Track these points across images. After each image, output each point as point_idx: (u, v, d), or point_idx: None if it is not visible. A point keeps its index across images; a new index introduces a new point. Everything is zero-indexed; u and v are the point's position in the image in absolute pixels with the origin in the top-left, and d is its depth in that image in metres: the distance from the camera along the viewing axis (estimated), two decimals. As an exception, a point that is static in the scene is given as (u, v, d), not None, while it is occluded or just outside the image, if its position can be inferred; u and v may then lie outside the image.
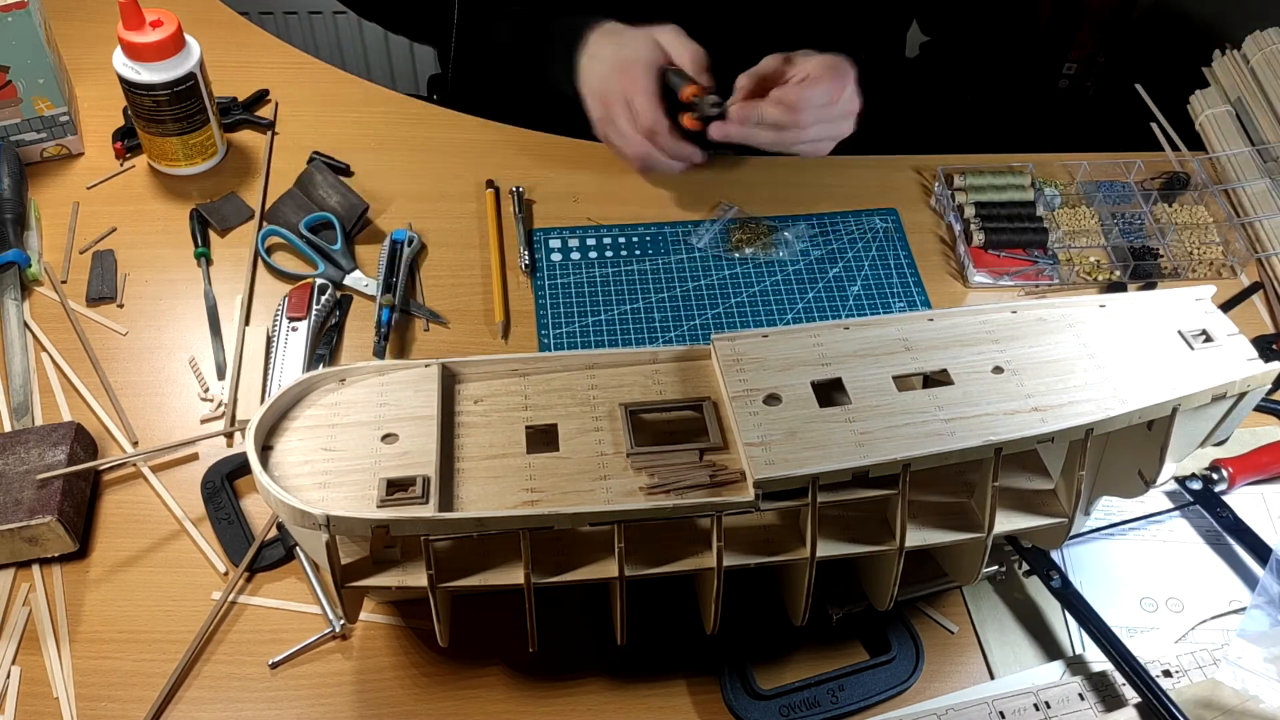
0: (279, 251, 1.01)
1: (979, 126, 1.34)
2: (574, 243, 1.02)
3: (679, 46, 0.97)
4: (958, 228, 1.03)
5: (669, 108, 0.98)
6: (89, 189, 1.05)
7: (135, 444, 0.85)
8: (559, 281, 0.99)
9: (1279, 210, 1.03)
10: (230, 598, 0.77)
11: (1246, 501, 0.83)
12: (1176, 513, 0.83)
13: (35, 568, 0.78)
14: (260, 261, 0.99)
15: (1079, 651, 0.75)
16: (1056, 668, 0.74)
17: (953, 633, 0.77)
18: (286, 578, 0.78)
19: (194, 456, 0.85)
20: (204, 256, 0.99)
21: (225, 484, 0.82)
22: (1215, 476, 0.83)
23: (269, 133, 1.11)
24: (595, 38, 1.00)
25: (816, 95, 0.96)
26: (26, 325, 0.93)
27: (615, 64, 0.98)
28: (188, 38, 1.00)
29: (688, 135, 1.00)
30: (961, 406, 0.66)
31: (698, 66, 0.97)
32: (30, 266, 0.96)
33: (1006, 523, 0.71)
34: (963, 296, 0.99)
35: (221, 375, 0.90)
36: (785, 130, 0.97)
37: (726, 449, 0.67)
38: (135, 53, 0.97)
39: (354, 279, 0.97)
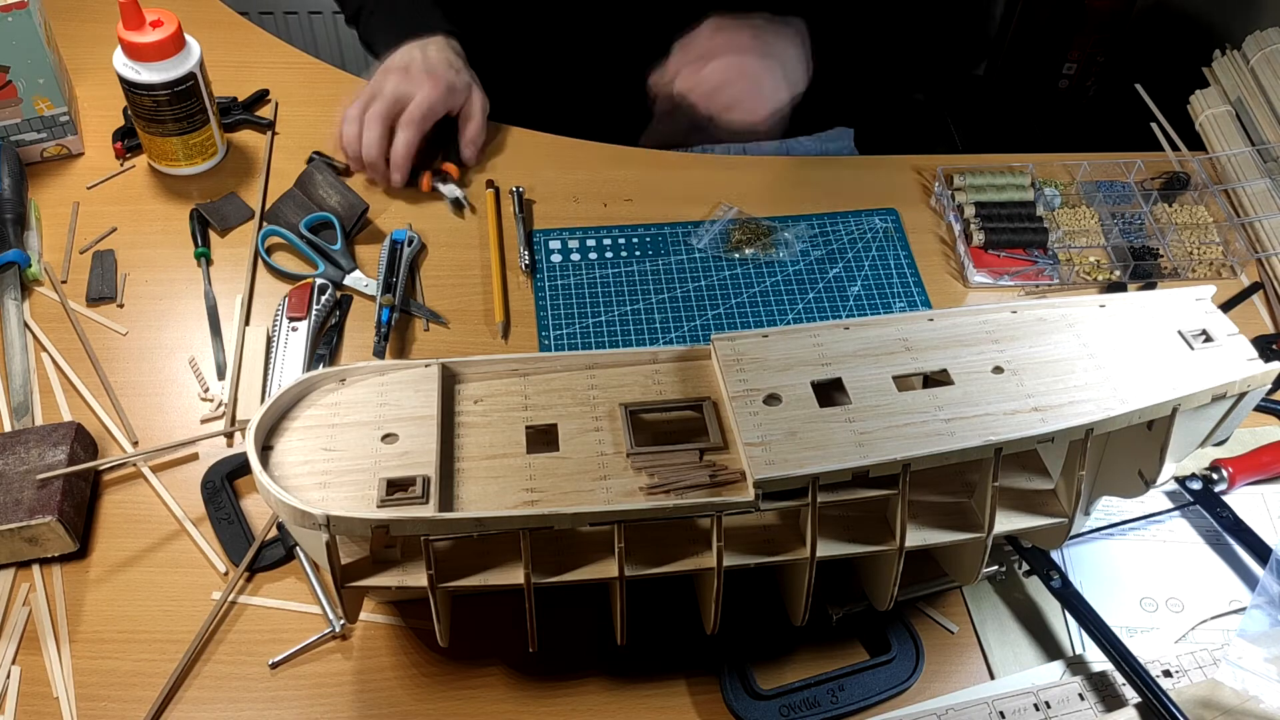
0: (279, 251, 1.01)
1: (979, 126, 1.34)
2: (574, 243, 1.02)
3: (472, 113, 1.05)
4: (958, 228, 1.03)
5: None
6: (89, 189, 1.05)
7: (135, 444, 0.85)
8: (559, 282, 0.99)
9: (1279, 210, 1.03)
10: (230, 598, 0.77)
11: (1246, 501, 0.83)
12: (1176, 513, 0.83)
13: (35, 568, 0.78)
14: (260, 261, 0.99)
15: (1079, 651, 0.75)
16: (1056, 668, 0.74)
17: (953, 633, 0.77)
18: (286, 578, 0.78)
19: (194, 456, 0.85)
20: (204, 256, 0.99)
21: (225, 484, 0.82)
22: (1215, 476, 0.83)
23: (269, 133, 1.11)
24: (437, 43, 1.06)
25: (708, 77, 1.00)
26: (26, 325, 0.93)
27: (421, 72, 1.03)
28: (188, 38, 1.00)
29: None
30: (961, 406, 0.66)
31: (473, 138, 1.06)
32: (30, 266, 0.96)
33: (1006, 523, 0.71)
34: (963, 296, 0.99)
35: (221, 375, 0.90)
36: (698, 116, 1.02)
37: (726, 449, 0.67)
38: (135, 53, 0.97)
39: (354, 279, 0.97)
